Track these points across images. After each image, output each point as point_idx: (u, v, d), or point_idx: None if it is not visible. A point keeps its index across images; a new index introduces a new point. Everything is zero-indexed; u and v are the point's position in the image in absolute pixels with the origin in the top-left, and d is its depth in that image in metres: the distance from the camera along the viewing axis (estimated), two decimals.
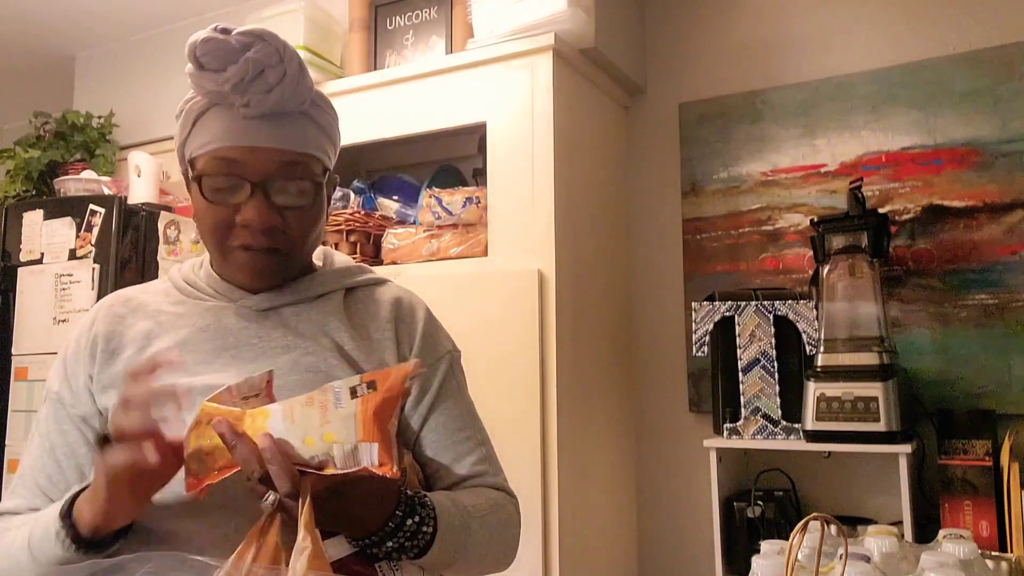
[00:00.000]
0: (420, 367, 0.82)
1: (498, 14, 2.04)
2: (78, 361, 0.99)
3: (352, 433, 0.74)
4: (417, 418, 1.02)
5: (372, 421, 0.75)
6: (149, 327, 1.00)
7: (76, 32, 3.05)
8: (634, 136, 2.44)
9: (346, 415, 0.75)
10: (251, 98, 0.91)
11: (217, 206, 0.94)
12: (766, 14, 2.27)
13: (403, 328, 1.05)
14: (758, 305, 1.93)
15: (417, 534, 0.86)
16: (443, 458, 1.02)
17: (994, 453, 1.72)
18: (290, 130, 0.94)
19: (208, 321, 0.99)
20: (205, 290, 1.03)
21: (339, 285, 1.06)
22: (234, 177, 0.92)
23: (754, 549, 1.07)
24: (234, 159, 0.92)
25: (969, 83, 1.98)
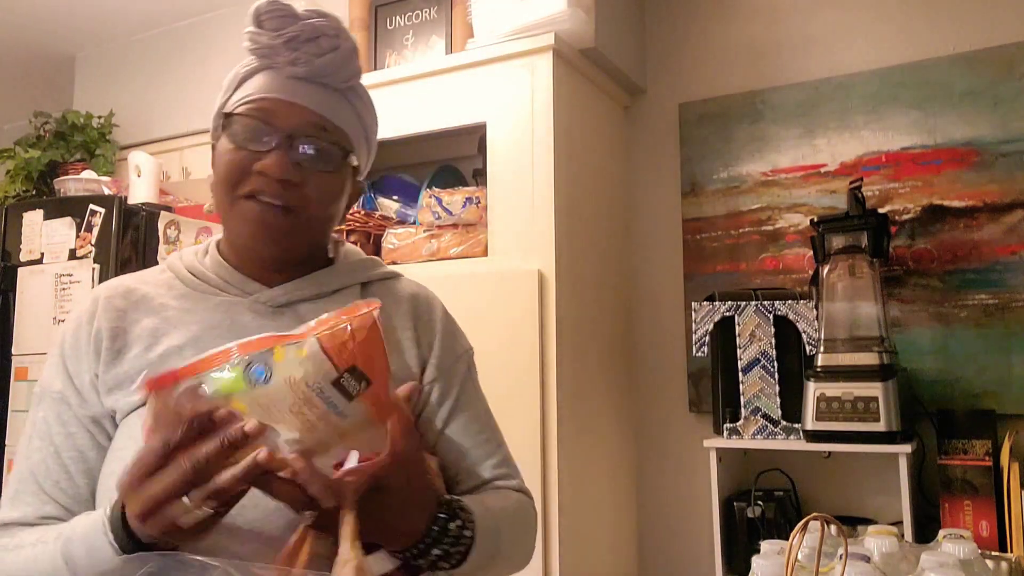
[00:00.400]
0: (416, 391, 0.79)
1: (498, 14, 2.04)
2: (79, 358, 0.94)
3: (375, 437, 0.71)
4: (439, 421, 1.00)
5: (384, 407, 0.72)
6: (155, 323, 0.94)
7: (76, 32, 3.05)
8: (634, 136, 2.44)
9: (357, 422, 0.71)
10: (300, 56, 0.91)
11: (240, 150, 0.92)
12: (766, 14, 2.28)
13: (422, 327, 1.02)
14: (758, 305, 1.93)
15: (460, 539, 0.83)
16: (465, 461, 0.99)
17: (994, 453, 1.72)
18: (329, 99, 0.94)
19: (219, 317, 0.94)
20: (214, 281, 0.98)
21: (355, 280, 1.03)
22: (265, 125, 0.91)
23: (754, 549, 1.07)
24: (269, 108, 0.92)
25: (969, 83, 1.98)
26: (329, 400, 0.70)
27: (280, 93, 0.93)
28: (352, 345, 0.72)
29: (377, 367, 0.72)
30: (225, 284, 0.97)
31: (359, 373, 0.71)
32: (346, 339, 0.72)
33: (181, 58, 2.98)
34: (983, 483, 1.68)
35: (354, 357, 0.71)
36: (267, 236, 0.93)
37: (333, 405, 0.70)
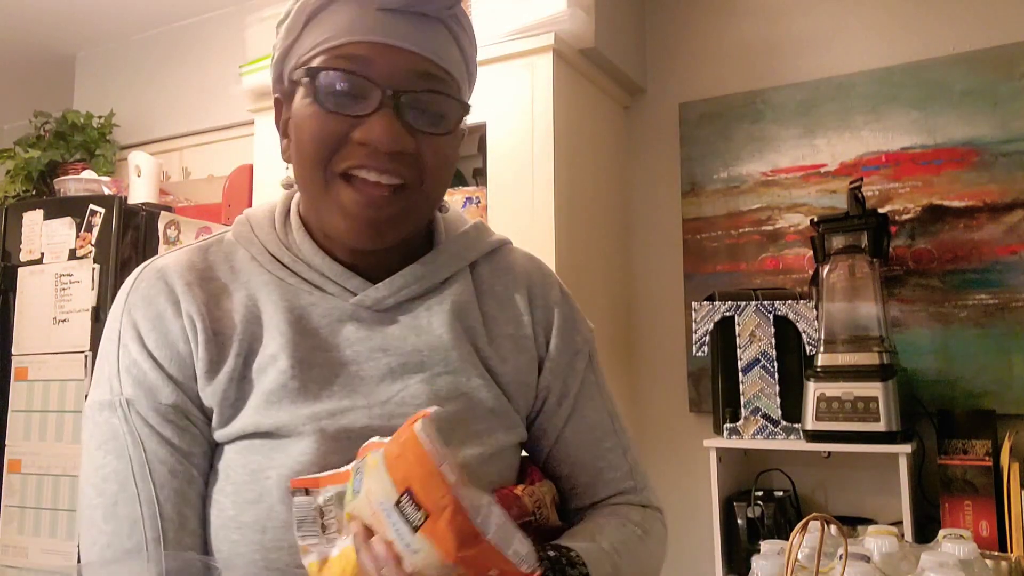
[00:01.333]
0: (431, 423, 0.61)
1: (498, 14, 2.04)
2: (178, 360, 0.74)
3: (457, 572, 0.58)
4: (552, 429, 0.85)
5: (469, 554, 0.57)
6: (247, 321, 0.76)
7: (76, 32, 3.05)
8: (634, 136, 2.44)
9: (432, 562, 0.58)
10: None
11: (332, 115, 0.71)
12: (766, 14, 2.28)
13: (539, 315, 0.86)
14: (758, 305, 1.93)
15: None
16: (583, 476, 0.85)
17: (994, 453, 1.72)
18: (433, 36, 0.74)
19: (315, 323, 0.76)
20: (306, 274, 0.78)
21: (465, 262, 0.84)
22: (363, 79, 0.71)
23: (754, 549, 1.07)
24: (363, 56, 0.71)
25: (969, 83, 1.98)
26: (396, 527, 0.59)
27: (375, 35, 0.71)
28: (403, 464, 0.59)
29: (432, 496, 0.58)
30: (321, 279, 0.78)
31: (415, 499, 0.58)
32: (399, 452, 0.60)
33: (181, 58, 2.98)
34: (983, 483, 1.68)
35: (408, 479, 0.58)
36: (374, 227, 0.74)
37: (400, 535, 0.59)
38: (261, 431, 0.73)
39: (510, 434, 0.81)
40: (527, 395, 0.84)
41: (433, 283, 0.81)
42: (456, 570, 0.57)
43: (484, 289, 0.84)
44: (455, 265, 0.83)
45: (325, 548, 0.67)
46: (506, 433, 0.80)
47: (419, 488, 0.58)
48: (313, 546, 0.67)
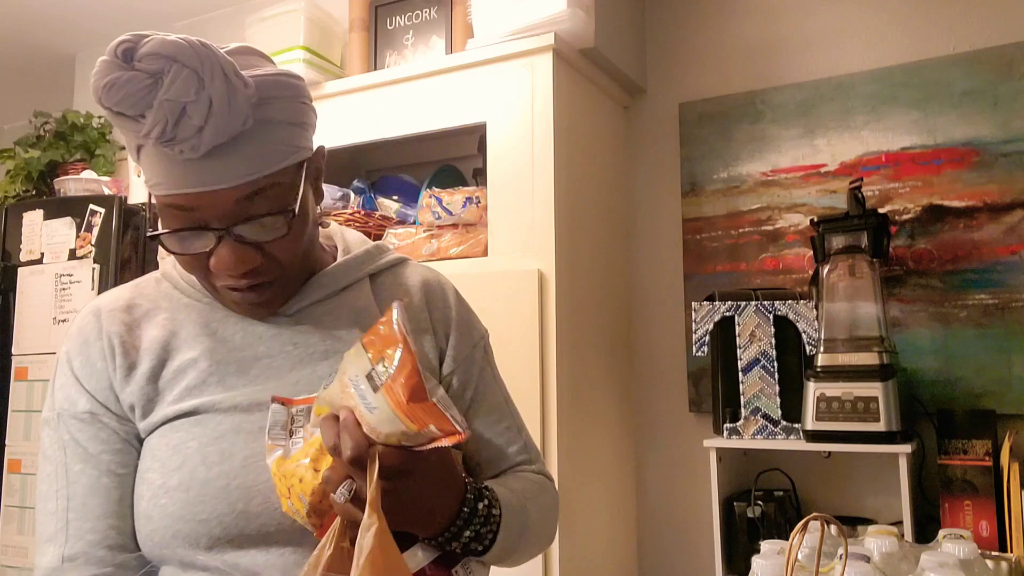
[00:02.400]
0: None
1: (498, 14, 2.04)
2: (96, 376, 0.89)
3: (403, 425, 0.70)
4: (460, 410, 0.96)
5: (415, 407, 0.70)
6: (164, 336, 0.90)
7: (76, 31, 3.05)
8: (634, 136, 2.44)
9: (385, 417, 0.70)
10: (182, 146, 0.76)
11: (186, 256, 0.84)
12: (766, 14, 2.28)
13: (436, 315, 0.99)
14: (758, 305, 1.93)
15: (489, 519, 0.82)
16: (487, 452, 0.97)
17: (994, 453, 1.72)
18: (241, 157, 0.79)
19: (232, 329, 0.91)
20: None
21: (363, 273, 0.99)
22: (192, 229, 0.81)
23: (754, 549, 1.07)
24: (188, 207, 0.79)
25: (969, 83, 1.98)
26: (361, 394, 0.72)
27: (188, 185, 0.78)
28: (378, 339, 0.74)
29: (401, 357, 0.72)
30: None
31: (385, 364, 0.72)
32: (375, 335, 0.75)
33: None
34: (983, 483, 1.68)
35: (383, 347, 0.73)
36: (262, 307, 0.90)
37: (363, 398, 0.71)
38: (182, 413, 0.87)
39: None
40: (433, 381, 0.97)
41: (333, 290, 0.95)
42: (403, 424, 0.70)
43: (385, 295, 0.98)
44: (352, 276, 0.97)
45: (289, 447, 0.80)
46: None
47: (391, 351, 0.72)
48: (280, 445, 0.80)
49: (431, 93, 2.14)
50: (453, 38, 2.21)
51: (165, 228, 0.83)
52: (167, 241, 0.83)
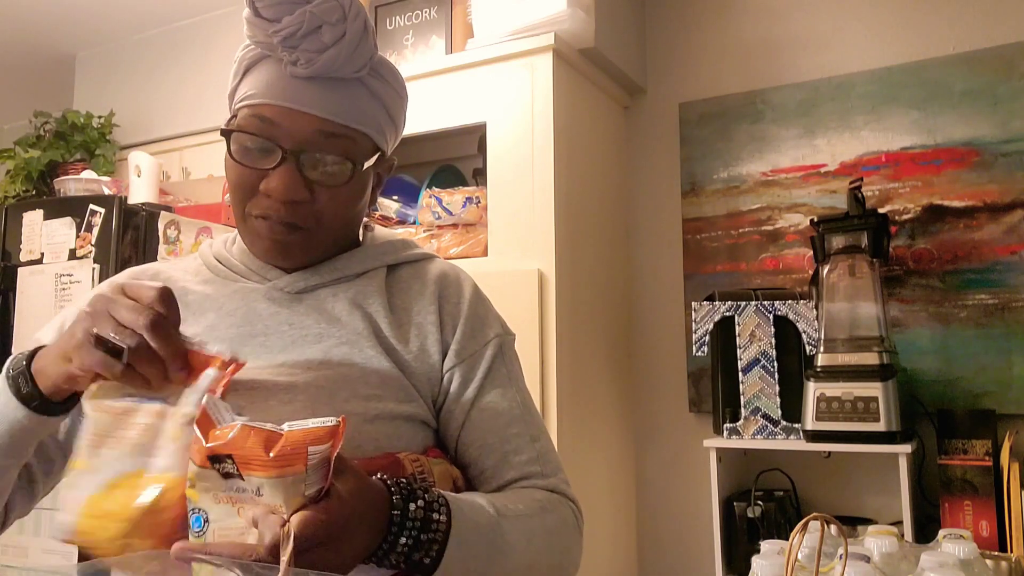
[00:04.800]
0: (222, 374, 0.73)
1: (498, 14, 2.04)
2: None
3: (291, 477, 0.64)
4: (460, 413, 0.91)
5: (282, 451, 0.64)
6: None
7: (76, 31, 3.05)
8: (634, 136, 2.44)
9: (271, 488, 0.65)
10: (300, 56, 0.82)
11: (243, 168, 0.86)
12: (766, 14, 2.28)
13: (447, 308, 0.94)
14: (758, 305, 1.93)
15: (428, 523, 0.72)
16: (489, 458, 0.89)
17: (994, 453, 1.72)
18: (340, 98, 0.86)
19: (236, 304, 0.91)
20: (236, 267, 0.95)
21: (380, 262, 0.96)
22: (266, 139, 0.84)
23: (754, 549, 1.07)
24: (271, 119, 0.84)
25: (969, 83, 1.98)
26: (240, 488, 0.68)
27: (282, 99, 0.84)
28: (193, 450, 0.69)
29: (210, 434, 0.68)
30: (247, 271, 0.94)
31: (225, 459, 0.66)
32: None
33: (181, 58, 2.98)
34: (983, 483, 1.68)
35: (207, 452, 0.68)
36: (281, 254, 0.90)
37: (242, 491, 0.67)
38: None
39: (402, 405, 0.87)
40: (431, 376, 0.91)
41: (345, 275, 0.93)
42: (290, 477, 0.65)
43: (401, 286, 0.96)
44: (369, 264, 0.95)
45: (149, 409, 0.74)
46: (397, 403, 0.86)
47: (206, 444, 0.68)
48: (137, 405, 0.75)
49: (431, 93, 2.14)
50: (453, 38, 2.21)
51: (238, 141, 0.85)
52: (237, 143, 0.85)
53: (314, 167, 0.85)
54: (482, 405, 0.92)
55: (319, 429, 0.65)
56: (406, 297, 0.95)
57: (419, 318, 0.93)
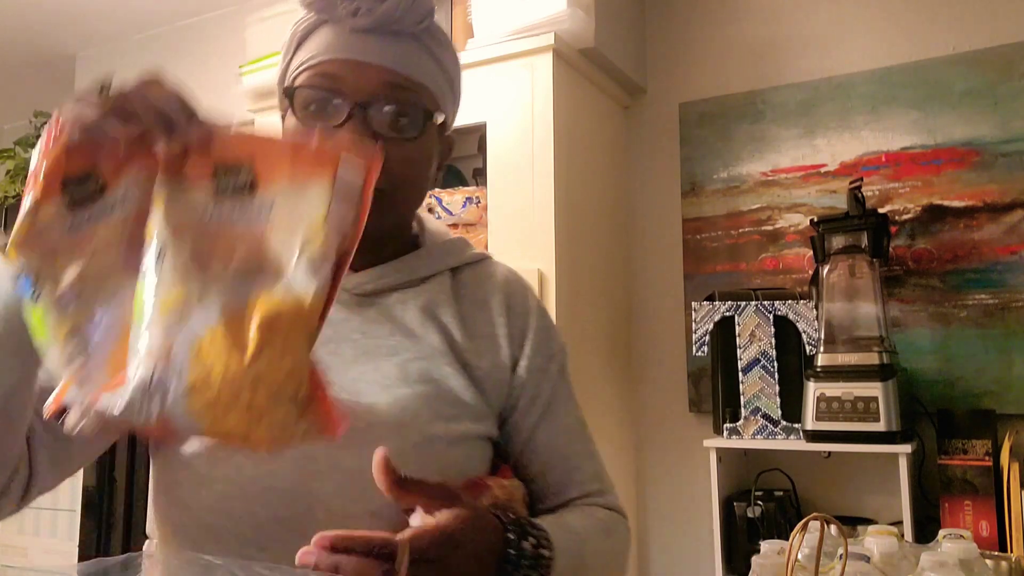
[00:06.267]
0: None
1: (498, 14, 2.04)
2: None
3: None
4: (525, 427, 0.88)
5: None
6: None
7: (77, 31, 3.05)
8: (634, 136, 2.44)
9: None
10: (361, 4, 0.80)
11: (307, 127, 0.82)
12: (767, 14, 2.28)
13: (515, 322, 0.90)
14: (758, 305, 1.93)
15: (539, 561, 0.72)
16: (552, 476, 0.88)
17: (994, 453, 1.72)
18: (403, 51, 0.83)
19: None
20: None
21: (445, 265, 0.91)
22: (333, 94, 0.80)
23: (754, 549, 1.07)
24: (335, 74, 0.81)
25: (969, 83, 1.98)
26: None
27: (344, 52, 0.81)
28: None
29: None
30: None
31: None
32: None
33: (181, 58, 2.98)
34: (983, 483, 1.68)
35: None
36: None
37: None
38: None
39: (478, 425, 0.84)
40: (501, 391, 0.87)
41: (411, 279, 0.88)
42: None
43: (464, 293, 0.91)
44: (434, 267, 0.90)
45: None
46: (474, 423, 0.83)
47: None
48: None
49: None
50: (453, 38, 2.21)
51: (302, 99, 0.81)
52: (300, 102, 0.82)
53: (383, 121, 0.81)
54: (547, 422, 0.89)
55: (354, 141, 0.60)
56: (472, 306, 0.90)
57: (488, 329, 0.89)
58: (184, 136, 0.59)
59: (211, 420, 0.53)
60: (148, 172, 0.58)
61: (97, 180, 0.57)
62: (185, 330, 0.54)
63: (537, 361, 0.90)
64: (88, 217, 0.57)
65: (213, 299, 0.55)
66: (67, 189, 0.56)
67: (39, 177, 0.56)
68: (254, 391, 0.53)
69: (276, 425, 0.54)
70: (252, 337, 0.54)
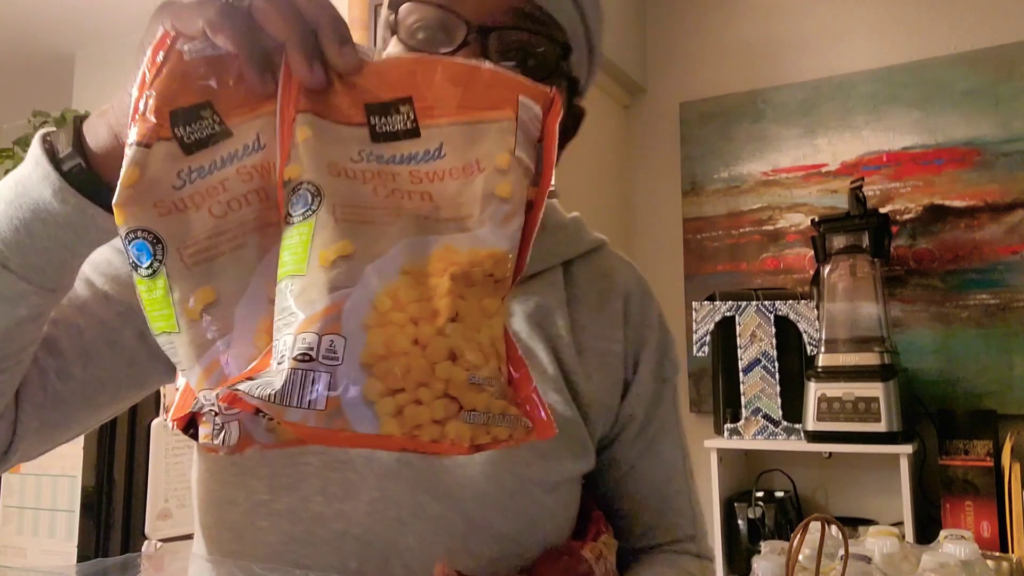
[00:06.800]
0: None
1: None
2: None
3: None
4: (625, 461, 0.76)
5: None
6: None
7: (76, 30, 3.05)
8: (634, 136, 2.43)
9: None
10: None
11: (414, 52, 0.65)
12: (767, 13, 2.27)
13: (632, 337, 0.76)
14: (759, 305, 1.92)
15: None
16: (645, 515, 0.77)
17: (995, 453, 1.71)
18: None
19: None
20: None
21: (558, 258, 0.75)
22: (448, 14, 0.63)
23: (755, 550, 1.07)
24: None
25: (970, 83, 1.98)
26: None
27: None
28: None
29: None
30: None
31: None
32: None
33: None
34: (984, 483, 1.68)
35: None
36: None
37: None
38: None
39: (578, 463, 0.70)
40: (606, 419, 0.74)
41: (522, 275, 0.74)
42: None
43: (577, 294, 0.75)
44: (546, 262, 0.74)
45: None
46: (574, 461, 0.70)
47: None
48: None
49: None
50: None
51: (409, 19, 0.65)
52: (406, 19, 0.65)
53: (506, 50, 0.64)
54: (650, 455, 0.77)
55: (530, 84, 0.48)
56: (586, 312, 0.74)
57: (600, 344, 0.73)
58: (335, 60, 0.45)
59: (393, 409, 0.40)
60: (284, 106, 0.45)
61: (215, 115, 0.45)
62: (357, 290, 0.41)
63: (651, 386, 0.76)
64: (212, 163, 0.45)
65: (388, 252, 0.42)
66: (176, 128, 0.44)
67: (145, 114, 0.45)
68: (450, 369, 0.41)
69: (476, 417, 0.42)
70: (442, 298, 0.42)
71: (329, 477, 0.63)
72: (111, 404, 0.65)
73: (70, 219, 0.50)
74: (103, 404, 0.64)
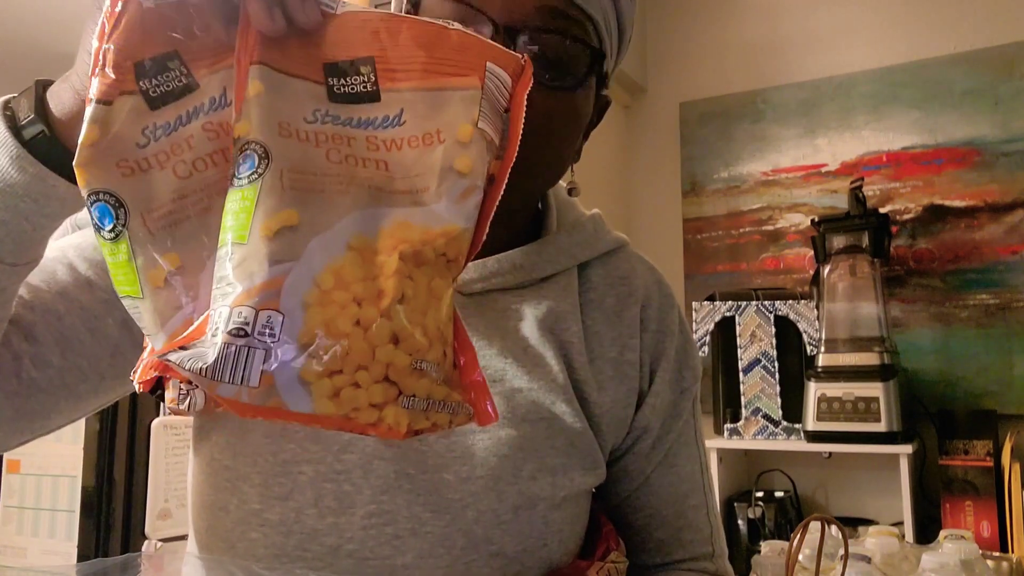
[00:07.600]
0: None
1: None
2: None
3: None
4: (638, 473, 0.72)
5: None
6: None
7: (76, 31, 3.05)
8: (634, 136, 2.43)
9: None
10: None
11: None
12: (767, 13, 2.27)
13: (649, 345, 0.72)
14: (759, 305, 1.92)
15: None
16: (660, 531, 0.73)
17: (995, 453, 1.71)
18: None
19: None
20: None
21: (574, 260, 0.72)
22: (473, 12, 0.59)
23: (755, 550, 1.07)
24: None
25: (970, 82, 1.98)
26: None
27: None
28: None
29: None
30: None
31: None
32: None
33: None
34: (984, 483, 1.68)
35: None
36: None
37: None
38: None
39: (588, 475, 0.67)
40: (618, 431, 0.70)
41: (531, 278, 0.68)
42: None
43: (592, 298, 0.72)
44: (561, 263, 0.71)
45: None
46: (583, 474, 0.66)
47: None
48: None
49: None
50: None
51: (435, 12, 0.60)
52: (428, 10, 0.61)
53: (535, 55, 0.59)
54: (665, 468, 0.73)
55: (500, 50, 0.45)
56: (600, 316, 0.71)
57: (614, 351, 0.70)
58: (295, 11, 0.43)
59: (330, 391, 0.38)
60: (241, 55, 0.43)
61: (182, 65, 0.42)
62: (300, 265, 0.39)
63: (668, 397, 0.72)
64: (178, 118, 0.43)
65: (335, 224, 0.40)
66: (141, 80, 0.42)
67: (105, 68, 0.41)
68: (392, 353, 0.39)
69: (416, 403, 0.40)
70: (389, 279, 0.40)
71: (324, 488, 0.60)
72: (95, 394, 0.62)
73: (29, 189, 0.47)
74: (85, 394, 0.61)
